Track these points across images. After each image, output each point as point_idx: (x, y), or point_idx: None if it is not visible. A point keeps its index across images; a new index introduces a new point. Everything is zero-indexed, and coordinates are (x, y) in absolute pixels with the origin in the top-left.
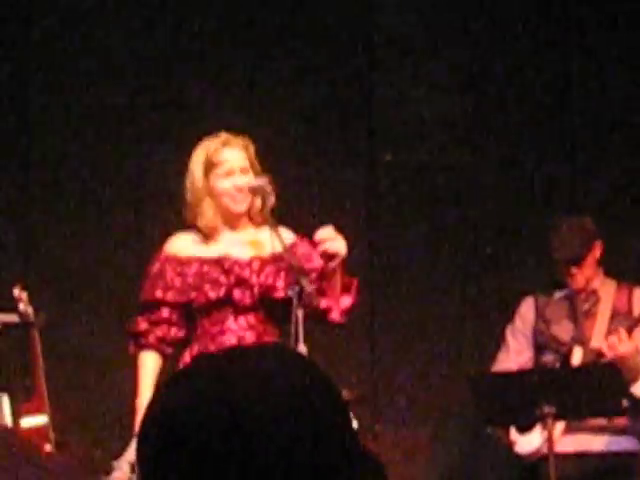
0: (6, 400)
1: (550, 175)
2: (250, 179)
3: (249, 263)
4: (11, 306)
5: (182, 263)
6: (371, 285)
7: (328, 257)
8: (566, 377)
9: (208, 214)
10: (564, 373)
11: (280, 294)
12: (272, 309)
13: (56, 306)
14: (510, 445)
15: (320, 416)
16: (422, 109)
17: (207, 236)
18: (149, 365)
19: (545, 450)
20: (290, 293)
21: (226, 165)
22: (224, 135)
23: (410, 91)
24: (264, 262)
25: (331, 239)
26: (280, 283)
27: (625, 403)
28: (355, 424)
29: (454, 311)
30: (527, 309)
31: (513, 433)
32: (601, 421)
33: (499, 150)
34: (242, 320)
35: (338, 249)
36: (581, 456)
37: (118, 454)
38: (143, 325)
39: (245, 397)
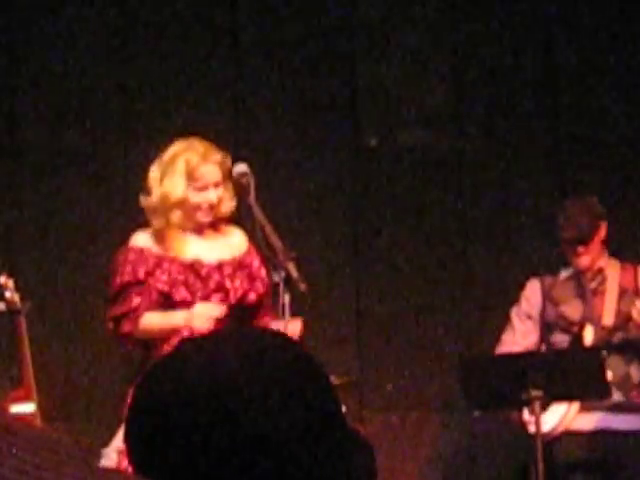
0: None
1: (536, 158)
2: (234, 168)
3: (218, 267)
4: None
5: (159, 259)
6: (357, 270)
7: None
8: (552, 360)
9: (178, 220)
10: (550, 357)
11: (253, 298)
12: (244, 311)
13: (42, 293)
14: (523, 425)
15: (307, 396)
16: (406, 94)
17: (171, 238)
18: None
19: (559, 430)
20: (276, 278)
21: (202, 180)
22: (203, 147)
23: (394, 76)
24: (235, 266)
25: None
26: (254, 286)
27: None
28: (343, 409)
29: (441, 297)
30: (533, 291)
31: (526, 413)
32: (619, 399)
33: (484, 134)
34: (217, 323)
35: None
36: (598, 434)
37: (106, 442)
38: (137, 302)
39: (231, 381)
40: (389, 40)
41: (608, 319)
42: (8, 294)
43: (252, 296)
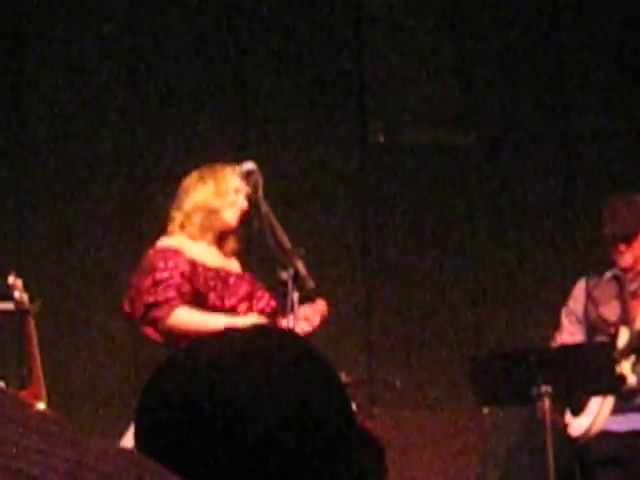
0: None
1: (545, 156)
2: (242, 166)
3: (242, 277)
4: (6, 294)
5: (191, 261)
6: (366, 267)
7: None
8: (562, 356)
9: (207, 227)
10: (560, 352)
11: (274, 304)
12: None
13: (51, 293)
14: (564, 428)
15: (316, 396)
16: (414, 90)
17: (198, 246)
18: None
19: (593, 432)
20: (285, 276)
21: (234, 185)
22: (237, 181)
23: (402, 73)
24: (252, 278)
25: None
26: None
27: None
28: (353, 407)
29: (450, 294)
30: (579, 291)
31: (568, 416)
32: None
33: (492, 131)
34: None
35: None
36: (629, 435)
37: (115, 441)
38: (172, 293)
39: (240, 380)
40: (397, 38)
41: None
42: (17, 294)
43: (273, 302)
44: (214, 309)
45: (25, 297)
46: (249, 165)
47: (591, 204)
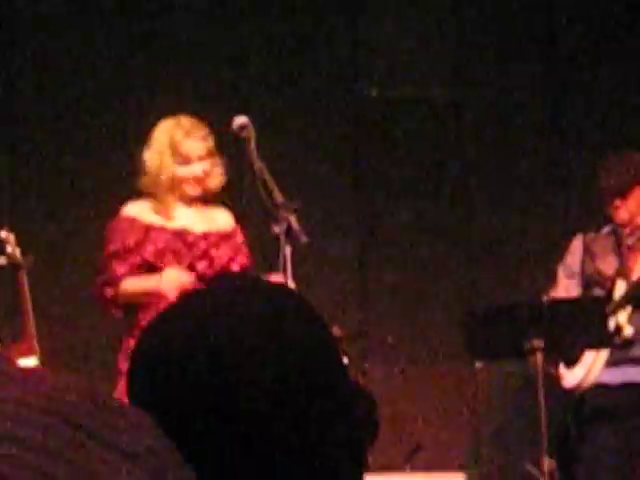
0: None
1: (537, 108)
2: (234, 120)
3: (205, 237)
4: None
5: (147, 228)
6: (360, 222)
7: None
8: (554, 310)
9: (168, 194)
10: (552, 307)
11: (236, 268)
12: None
13: (44, 248)
14: (558, 379)
15: (310, 349)
16: (407, 45)
17: (162, 207)
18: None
19: (586, 384)
20: (277, 230)
21: (186, 155)
22: (188, 123)
23: (395, 26)
24: (220, 237)
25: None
26: (238, 258)
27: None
28: (345, 361)
29: (444, 248)
30: (576, 246)
31: (561, 368)
32: None
33: (484, 84)
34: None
35: None
36: (623, 387)
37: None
38: (121, 269)
39: (229, 334)
40: None
41: (638, 274)
42: (9, 249)
43: (235, 267)
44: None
45: (17, 252)
46: (242, 119)
47: (584, 161)
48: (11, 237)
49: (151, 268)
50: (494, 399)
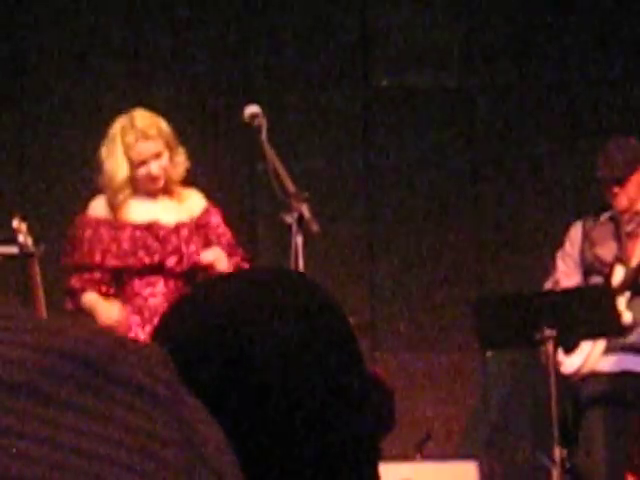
0: None
1: (547, 96)
2: (246, 110)
3: (176, 230)
4: (10, 237)
5: (115, 227)
6: (369, 211)
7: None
8: (565, 299)
9: (129, 194)
10: (563, 296)
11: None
12: (196, 274)
13: (56, 237)
14: (557, 366)
15: (328, 341)
16: (417, 33)
17: (125, 208)
18: (95, 297)
19: (584, 371)
20: (289, 220)
21: (140, 157)
22: (141, 122)
23: (405, 15)
24: (186, 227)
25: (219, 260)
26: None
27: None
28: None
29: (453, 236)
30: (575, 232)
31: (560, 354)
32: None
33: (494, 73)
34: (171, 284)
35: (220, 267)
36: (620, 375)
37: None
38: (78, 284)
39: (251, 325)
40: None
41: (637, 260)
42: (21, 238)
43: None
44: (144, 266)
45: (29, 241)
46: (253, 108)
47: (593, 149)
48: (23, 226)
49: (118, 272)
50: (505, 387)
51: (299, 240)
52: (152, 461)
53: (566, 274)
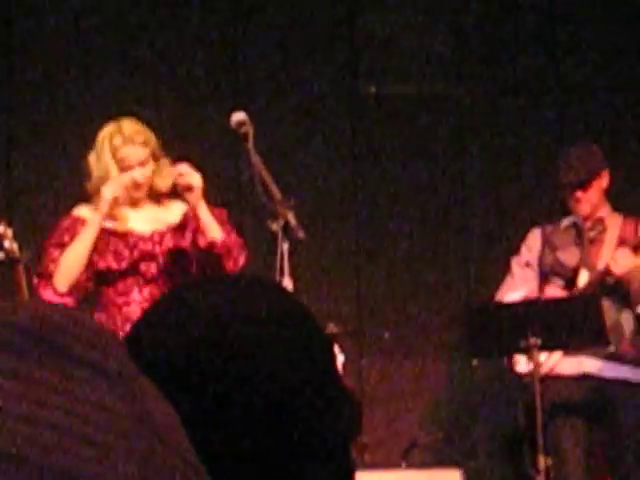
0: None
1: (536, 106)
2: (232, 117)
3: (151, 237)
4: None
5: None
6: (356, 218)
7: (184, 189)
8: (551, 308)
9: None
10: (550, 305)
11: (184, 263)
12: (175, 277)
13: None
14: (512, 365)
15: (307, 351)
16: (406, 41)
17: (109, 214)
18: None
19: (543, 371)
20: (275, 227)
21: (126, 161)
22: (129, 128)
23: (394, 23)
24: (163, 234)
25: (186, 174)
26: (182, 254)
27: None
28: (342, 358)
29: (440, 244)
30: (533, 239)
31: (516, 355)
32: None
33: (483, 81)
34: (146, 291)
35: (191, 181)
36: (583, 379)
37: None
38: (52, 267)
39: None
40: None
41: (602, 265)
42: (7, 243)
43: (202, 241)
44: (110, 270)
45: (15, 246)
46: (240, 115)
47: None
48: (9, 231)
49: (98, 262)
50: (490, 396)
51: (285, 247)
52: (109, 433)
53: (523, 279)
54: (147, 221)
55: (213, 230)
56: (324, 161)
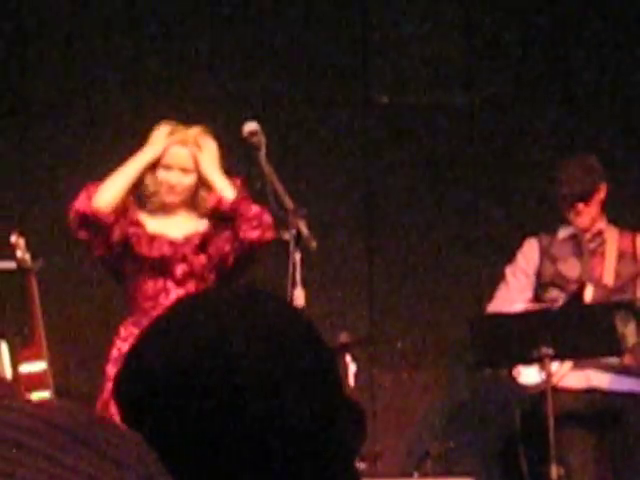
0: (4, 347)
1: (548, 115)
2: (244, 126)
3: (182, 241)
4: (8, 253)
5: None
6: (368, 227)
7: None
8: (563, 318)
9: (151, 195)
10: (561, 314)
11: (212, 269)
12: (204, 282)
13: (54, 252)
14: (514, 377)
15: (311, 365)
16: (418, 50)
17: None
18: None
19: (548, 385)
20: (287, 236)
21: (169, 159)
22: (183, 132)
23: (406, 32)
24: (192, 239)
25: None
26: (211, 260)
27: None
28: (354, 367)
29: (452, 253)
30: (531, 249)
31: (520, 366)
32: (613, 360)
33: (496, 91)
34: (173, 295)
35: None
36: (589, 392)
37: None
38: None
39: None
40: None
41: (608, 279)
42: (19, 253)
43: (211, 200)
44: (144, 257)
45: (27, 256)
46: (252, 125)
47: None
48: (21, 241)
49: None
50: (502, 405)
51: (297, 257)
52: None
53: (519, 289)
54: (179, 227)
55: (224, 189)
56: (336, 170)
